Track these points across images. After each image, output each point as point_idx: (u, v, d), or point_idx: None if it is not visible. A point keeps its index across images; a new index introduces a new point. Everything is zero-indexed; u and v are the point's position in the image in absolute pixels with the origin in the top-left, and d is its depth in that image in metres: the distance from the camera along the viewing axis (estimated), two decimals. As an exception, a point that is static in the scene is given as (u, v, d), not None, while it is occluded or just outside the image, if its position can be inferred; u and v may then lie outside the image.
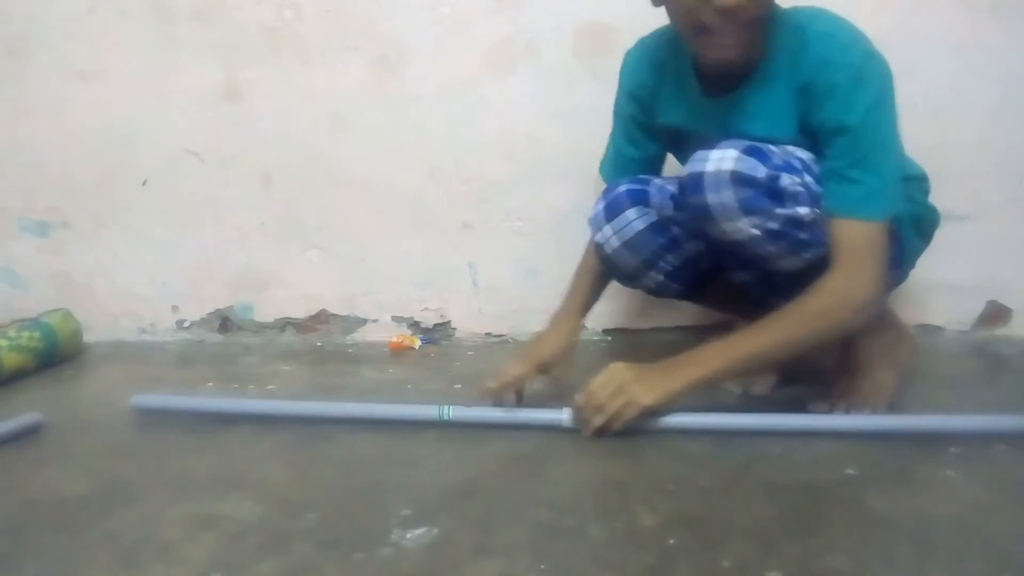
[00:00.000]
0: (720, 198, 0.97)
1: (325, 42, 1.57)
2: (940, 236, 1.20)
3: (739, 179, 0.96)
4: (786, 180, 0.98)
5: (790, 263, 1.04)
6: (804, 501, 0.84)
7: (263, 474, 0.96)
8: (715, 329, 1.58)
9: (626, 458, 0.97)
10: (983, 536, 0.75)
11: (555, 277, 1.59)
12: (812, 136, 1.03)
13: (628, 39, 1.22)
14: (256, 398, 1.27)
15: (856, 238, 0.98)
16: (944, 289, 1.49)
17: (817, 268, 1.00)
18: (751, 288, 1.19)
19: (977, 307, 1.52)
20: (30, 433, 1.12)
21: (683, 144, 1.16)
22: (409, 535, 0.79)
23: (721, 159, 0.97)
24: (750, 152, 0.98)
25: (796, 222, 0.99)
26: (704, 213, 1.00)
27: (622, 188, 1.16)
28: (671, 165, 1.26)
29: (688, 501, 0.85)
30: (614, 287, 1.31)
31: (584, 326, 1.60)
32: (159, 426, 1.14)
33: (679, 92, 1.14)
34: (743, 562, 0.71)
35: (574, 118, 1.51)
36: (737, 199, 0.97)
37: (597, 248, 1.18)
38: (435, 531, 0.79)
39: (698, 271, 1.21)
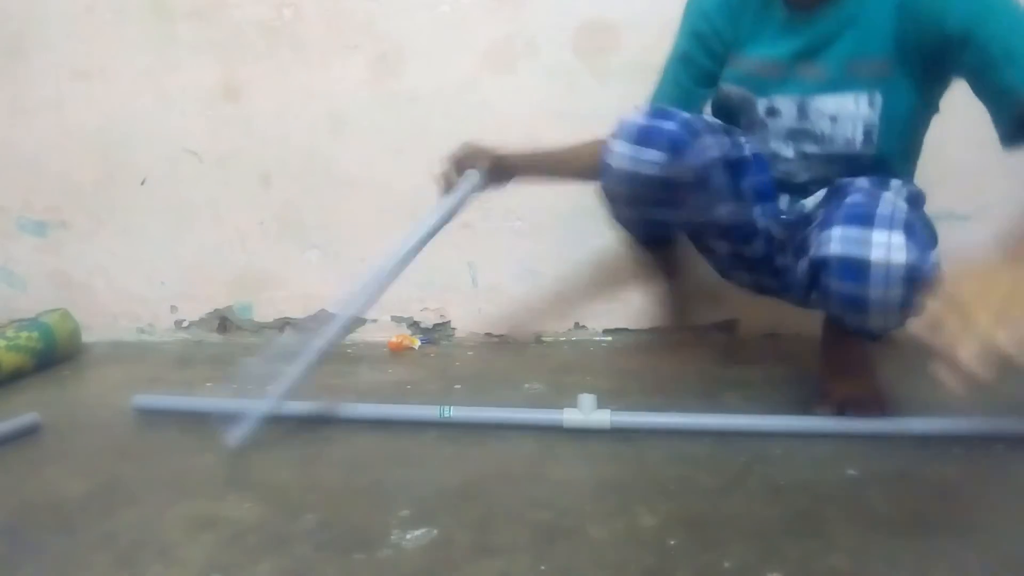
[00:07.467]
0: (887, 295, 0.88)
1: (324, 41, 1.57)
2: (942, 236, 1.20)
3: (912, 275, 0.86)
4: (935, 257, 0.91)
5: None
6: (805, 501, 0.84)
7: (262, 474, 0.96)
8: (716, 329, 1.58)
9: (626, 458, 0.97)
10: (983, 536, 0.75)
11: (555, 277, 1.60)
12: (918, 58, 0.99)
13: (629, 37, 1.22)
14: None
15: None
16: (945, 289, 1.49)
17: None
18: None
19: (978, 307, 1.52)
20: (28, 434, 1.11)
21: (756, 85, 1.13)
22: (409, 535, 0.78)
23: (890, 246, 0.86)
24: (907, 231, 0.88)
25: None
26: (850, 303, 0.91)
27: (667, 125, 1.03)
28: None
29: (689, 502, 0.84)
30: (613, 287, 1.31)
31: (584, 326, 1.61)
32: (157, 426, 1.14)
33: (761, 22, 1.11)
34: (744, 563, 0.71)
35: (574, 117, 1.50)
36: (903, 297, 0.87)
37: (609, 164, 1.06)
38: (435, 531, 0.79)
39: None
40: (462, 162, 1.22)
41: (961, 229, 1.45)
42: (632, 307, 1.60)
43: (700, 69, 1.17)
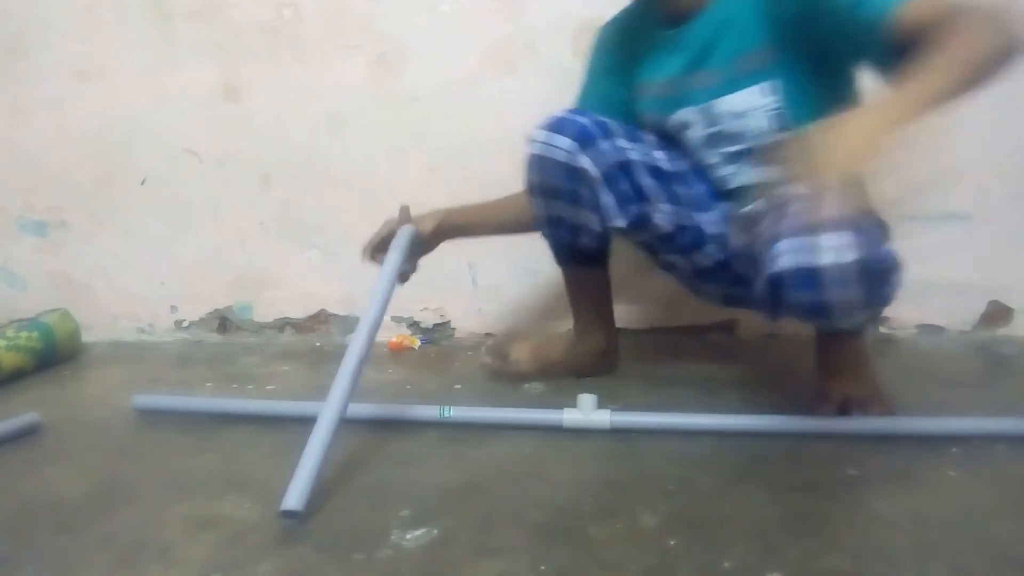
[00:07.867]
0: (847, 295, 0.87)
1: (324, 41, 1.57)
2: (942, 236, 1.20)
3: (867, 268, 0.86)
4: (891, 249, 0.91)
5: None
6: (805, 501, 0.83)
7: (263, 474, 0.96)
8: (716, 329, 1.58)
9: (626, 459, 0.97)
10: (983, 536, 0.75)
11: (554, 277, 1.59)
12: (796, 37, 1.01)
13: (628, 38, 1.22)
14: (255, 398, 1.27)
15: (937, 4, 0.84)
16: (945, 289, 1.49)
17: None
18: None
19: (979, 307, 1.52)
20: (28, 433, 1.11)
21: (662, 106, 1.17)
22: (409, 535, 0.78)
23: (838, 247, 0.84)
24: (851, 227, 0.85)
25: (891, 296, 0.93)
26: (814, 310, 0.90)
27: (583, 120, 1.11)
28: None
29: (689, 502, 0.84)
30: (612, 287, 1.31)
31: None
32: (158, 426, 1.14)
33: (649, 48, 1.17)
34: (744, 562, 0.71)
35: (574, 117, 1.50)
36: (865, 291, 0.87)
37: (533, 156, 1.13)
38: (435, 532, 0.79)
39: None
40: (393, 226, 1.25)
41: (962, 229, 1.46)
42: (632, 307, 1.60)
43: (622, 105, 1.22)
